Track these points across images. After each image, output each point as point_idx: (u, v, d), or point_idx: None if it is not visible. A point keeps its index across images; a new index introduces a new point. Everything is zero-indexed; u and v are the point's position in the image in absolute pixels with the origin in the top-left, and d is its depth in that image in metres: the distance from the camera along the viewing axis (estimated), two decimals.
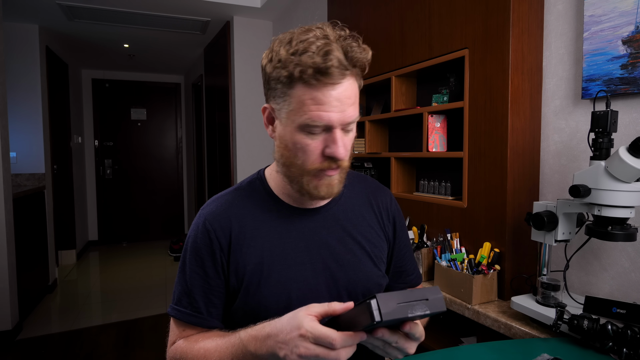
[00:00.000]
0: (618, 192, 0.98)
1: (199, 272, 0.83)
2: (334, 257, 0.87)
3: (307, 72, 0.69)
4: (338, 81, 0.71)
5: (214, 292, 0.83)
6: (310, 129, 0.73)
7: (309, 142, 0.75)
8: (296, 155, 0.77)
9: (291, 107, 0.74)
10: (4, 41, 3.11)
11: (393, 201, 1.00)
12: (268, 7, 3.29)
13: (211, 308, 0.84)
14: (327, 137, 0.75)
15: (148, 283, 4.13)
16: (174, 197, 6.28)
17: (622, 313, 0.92)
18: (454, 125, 1.69)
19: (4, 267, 2.80)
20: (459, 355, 0.91)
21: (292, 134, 0.76)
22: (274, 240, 0.84)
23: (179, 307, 0.84)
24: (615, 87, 1.18)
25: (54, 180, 4.23)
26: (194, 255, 0.84)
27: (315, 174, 0.78)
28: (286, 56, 0.72)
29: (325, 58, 0.69)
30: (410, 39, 1.75)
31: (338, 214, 0.90)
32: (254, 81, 3.62)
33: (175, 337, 0.85)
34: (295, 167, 0.78)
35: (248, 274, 0.82)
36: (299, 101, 0.73)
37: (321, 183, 0.78)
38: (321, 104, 0.71)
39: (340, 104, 0.72)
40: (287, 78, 0.72)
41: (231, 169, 3.65)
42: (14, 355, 2.69)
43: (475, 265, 1.37)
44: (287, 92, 0.74)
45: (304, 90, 0.72)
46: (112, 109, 5.84)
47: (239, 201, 0.87)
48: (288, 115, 0.75)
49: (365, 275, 0.89)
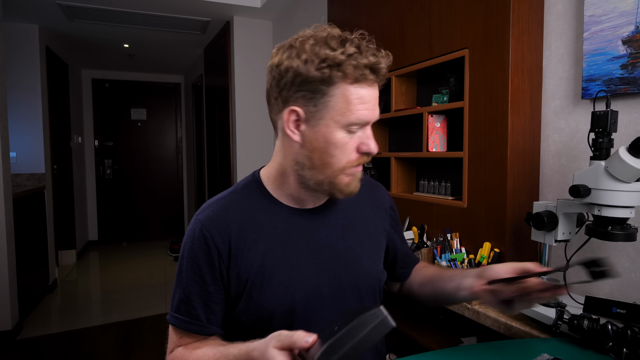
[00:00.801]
0: (618, 192, 0.98)
1: (197, 280, 0.82)
2: (335, 256, 0.87)
3: (361, 71, 0.73)
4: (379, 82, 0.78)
5: (212, 299, 0.82)
6: (352, 127, 0.76)
7: (348, 140, 0.77)
8: (333, 155, 0.77)
9: (335, 106, 0.75)
10: (4, 41, 3.11)
11: (386, 193, 1.04)
12: (268, 7, 3.29)
13: (210, 315, 0.83)
14: (361, 135, 0.78)
15: (148, 283, 4.13)
16: (174, 197, 6.28)
17: (622, 313, 0.92)
18: (454, 125, 1.69)
19: (4, 267, 2.80)
20: (459, 355, 0.91)
21: (332, 134, 0.76)
22: (274, 242, 0.83)
23: (178, 315, 0.83)
24: (615, 87, 1.18)
25: (54, 180, 4.23)
26: (190, 262, 0.82)
27: (347, 172, 0.80)
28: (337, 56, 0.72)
29: (376, 61, 0.74)
30: (410, 39, 1.75)
31: (336, 212, 0.91)
32: (254, 81, 3.61)
33: (174, 344, 0.85)
34: (329, 166, 0.78)
35: (251, 278, 0.81)
36: (345, 100, 0.74)
37: (351, 180, 0.81)
38: (366, 102, 0.76)
39: (376, 103, 0.78)
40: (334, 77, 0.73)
41: (231, 169, 3.65)
42: (14, 355, 2.69)
43: (475, 265, 1.37)
44: (327, 91, 0.74)
45: (351, 90, 0.74)
46: (112, 109, 5.84)
47: (236, 205, 0.85)
48: (329, 115, 0.75)
49: (367, 272, 0.90)
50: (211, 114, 4.42)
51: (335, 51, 0.73)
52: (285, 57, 0.76)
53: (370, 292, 0.91)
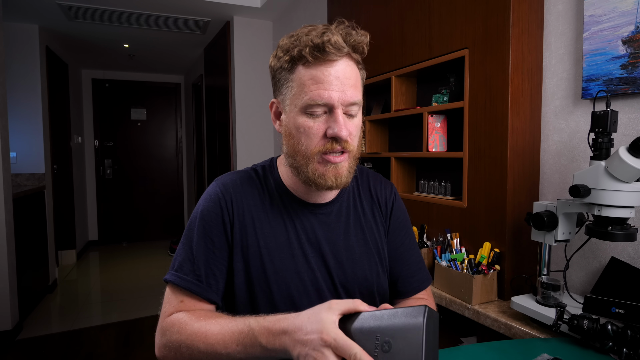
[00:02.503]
0: (618, 192, 0.98)
1: (206, 240, 0.82)
2: (334, 253, 0.87)
3: (305, 50, 0.73)
4: (334, 58, 0.74)
5: (217, 263, 0.82)
6: (312, 109, 0.75)
7: (311, 125, 0.76)
8: (300, 141, 0.78)
9: (293, 91, 0.77)
10: (4, 41, 3.11)
11: (393, 195, 0.97)
12: (268, 7, 3.29)
13: (211, 280, 0.81)
14: (329, 118, 0.76)
15: (148, 283, 4.13)
16: (174, 197, 6.28)
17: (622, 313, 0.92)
18: (454, 125, 1.69)
19: (4, 267, 2.80)
20: (459, 355, 0.91)
21: (295, 119, 0.77)
22: (278, 228, 0.85)
23: (180, 274, 0.81)
24: (615, 87, 1.18)
25: (54, 180, 4.23)
26: (203, 222, 0.83)
27: (319, 160, 0.77)
28: (288, 43, 0.76)
29: (322, 36, 0.73)
30: (410, 39, 1.75)
31: (343, 209, 0.91)
32: (254, 81, 3.61)
33: (173, 308, 0.81)
34: (300, 154, 0.78)
35: (251, 255, 0.83)
36: (300, 83, 0.75)
37: (327, 170, 0.78)
38: (320, 82, 0.74)
39: (340, 83, 0.74)
40: (288, 62, 0.76)
41: (231, 169, 3.65)
42: (14, 355, 2.69)
43: (475, 265, 1.37)
44: (289, 77, 0.77)
45: (304, 72, 0.75)
46: (112, 109, 5.84)
47: (253, 182, 0.88)
48: (291, 101, 0.77)
49: (364, 273, 0.89)
50: (211, 114, 4.42)
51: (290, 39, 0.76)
52: (271, 56, 0.82)
53: (366, 293, 0.89)
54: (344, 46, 0.74)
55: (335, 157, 0.77)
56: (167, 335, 0.77)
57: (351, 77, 0.76)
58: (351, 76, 0.76)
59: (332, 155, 0.77)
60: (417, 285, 0.95)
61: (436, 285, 1.47)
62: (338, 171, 0.78)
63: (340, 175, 0.79)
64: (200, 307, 0.81)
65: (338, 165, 0.78)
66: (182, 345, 0.74)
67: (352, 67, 0.77)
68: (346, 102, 0.75)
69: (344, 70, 0.75)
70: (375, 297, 0.91)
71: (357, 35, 0.76)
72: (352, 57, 0.78)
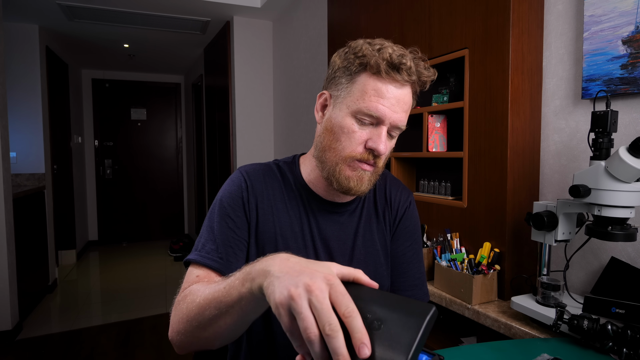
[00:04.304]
0: (618, 192, 0.98)
1: (227, 221, 0.84)
2: (342, 252, 0.89)
3: (382, 63, 0.75)
4: (403, 81, 0.78)
5: (238, 242, 0.84)
6: (362, 117, 0.77)
7: (356, 130, 0.79)
8: (339, 140, 0.80)
9: (352, 93, 0.79)
10: (4, 41, 3.11)
11: (407, 203, 0.97)
12: (268, 7, 3.29)
13: (232, 258, 0.83)
14: (373, 131, 0.79)
15: (148, 283, 4.13)
16: (174, 197, 6.28)
17: (622, 313, 0.92)
18: (454, 125, 1.69)
19: (4, 267, 2.80)
20: (459, 355, 0.91)
21: (342, 118, 0.79)
22: (294, 219, 0.88)
23: (202, 252, 0.82)
24: (615, 87, 1.18)
25: (54, 180, 4.23)
26: (224, 203, 0.86)
27: (350, 163, 0.80)
28: (365, 48, 0.78)
29: (401, 57, 0.77)
30: (410, 39, 1.75)
31: (357, 210, 0.93)
32: (254, 81, 3.62)
33: (188, 284, 0.78)
34: (334, 152, 0.81)
35: (266, 240, 0.85)
36: (362, 89, 0.77)
37: (353, 175, 0.81)
38: (381, 96, 0.76)
39: (397, 104, 0.78)
40: (360, 66, 0.78)
41: (231, 169, 3.65)
42: (14, 355, 2.69)
43: (475, 265, 1.37)
44: (352, 79, 0.79)
45: (370, 81, 0.77)
46: (112, 109, 5.84)
47: (275, 174, 0.91)
48: (345, 101, 0.79)
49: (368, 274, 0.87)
50: (211, 114, 4.42)
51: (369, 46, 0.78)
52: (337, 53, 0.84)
53: None
54: (414, 75, 0.78)
55: (366, 165, 0.81)
56: (179, 306, 0.70)
57: (407, 103, 0.80)
58: (407, 103, 0.80)
59: (363, 164, 0.80)
60: None
61: (436, 285, 1.47)
62: (362, 179, 0.81)
63: (362, 183, 0.81)
64: None
65: (364, 173, 0.81)
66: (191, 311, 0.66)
67: (410, 96, 0.81)
68: (394, 124, 0.79)
69: (405, 95, 0.79)
70: None
71: (427, 70, 0.80)
72: (414, 88, 0.81)
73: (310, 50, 3.01)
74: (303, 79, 3.13)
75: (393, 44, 0.80)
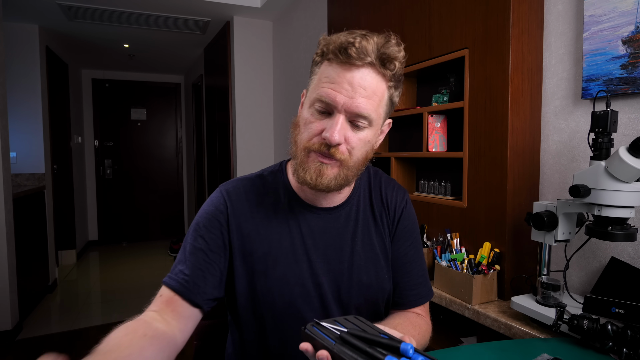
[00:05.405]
0: (618, 192, 0.98)
1: (201, 243, 0.82)
2: (340, 259, 0.86)
3: (330, 47, 0.73)
4: (354, 63, 0.71)
5: (209, 267, 0.80)
6: (317, 105, 0.75)
7: (313, 121, 0.76)
8: (300, 132, 0.79)
9: (312, 84, 0.78)
10: (4, 41, 3.11)
11: (404, 203, 0.95)
12: (268, 7, 3.29)
13: (200, 282, 0.79)
14: (329, 121, 0.75)
15: (148, 283, 4.13)
16: (174, 197, 6.28)
17: (622, 313, 0.92)
18: (454, 125, 1.69)
19: (4, 267, 2.80)
20: (459, 355, 0.91)
21: (304, 111, 0.79)
22: (283, 234, 0.84)
23: (172, 274, 0.81)
24: (615, 87, 1.18)
25: (54, 180, 4.23)
26: (200, 225, 0.83)
27: (307, 155, 0.77)
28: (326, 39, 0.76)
29: (351, 37, 0.72)
30: (410, 39, 1.75)
31: (352, 213, 0.89)
32: (254, 81, 3.61)
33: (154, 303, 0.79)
34: (296, 145, 0.80)
35: (255, 262, 0.82)
36: (318, 78, 0.76)
37: (311, 166, 0.76)
38: (332, 82, 0.73)
39: (350, 89, 0.72)
40: (318, 57, 0.77)
41: (231, 169, 3.65)
42: (14, 355, 2.69)
43: (475, 265, 1.37)
44: (315, 70, 0.79)
45: (325, 68, 0.75)
46: (112, 109, 5.84)
47: (258, 189, 0.88)
48: (308, 94, 0.79)
49: (369, 280, 0.87)
50: (211, 114, 4.42)
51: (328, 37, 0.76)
52: None
53: (370, 300, 0.88)
54: (368, 54, 0.71)
55: (322, 157, 0.76)
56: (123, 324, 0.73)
57: (367, 87, 0.72)
58: (368, 87, 0.72)
59: (319, 155, 0.76)
60: (414, 299, 0.92)
61: (436, 285, 1.47)
62: (321, 171, 0.76)
63: (322, 175, 0.76)
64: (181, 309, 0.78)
65: (323, 165, 0.76)
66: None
67: (373, 79, 0.73)
68: (351, 111, 0.73)
69: (362, 78, 0.72)
70: (380, 304, 0.90)
71: (388, 48, 0.72)
72: (377, 69, 0.73)
73: (310, 50, 3.01)
74: (303, 79, 3.13)
75: (361, 32, 0.75)
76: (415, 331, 0.85)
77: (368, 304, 0.88)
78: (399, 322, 0.85)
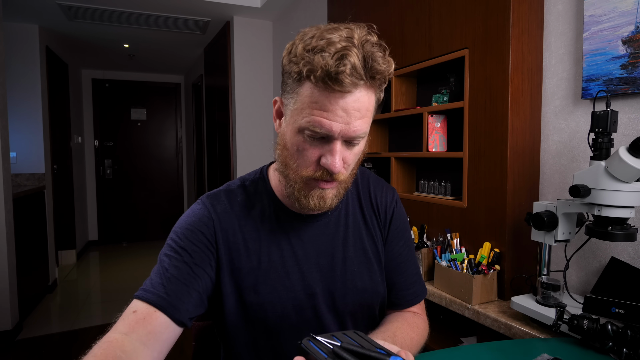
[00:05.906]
0: (618, 192, 0.98)
1: (184, 256, 0.76)
2: (332, 266, 0.84)
3: (316, 73, 0.64)
4: (348, 90, 0.65)
5: (193, 281, 0.74)
6: (309, 133, 0.68)
7: (307, 147, 0.71)
8: (293, 157, 0.73)
9: (296, 105, 0.69)
10: (4, 41, 3.11)
11: (394, 203, 0.93)
12: (268, 7, 3.29)
13: (183, 297, 0.72)
14: (326, 146, 0.70)
15: None
16: (174, 197, 6.28)
17: (622, 313, 0.92)
18: (454, 125, 1.69)
19: (4, 267, 2.80)
20: (459, 355, 0.91)
21: (291, 134, 0.72)
22: (272, 246, 0.81)
23: (148, 288, 0.74)
24: (615, 87, 1.18)
25: (54, 180, 4.23)
26: (184, 236, 0.78)
27: (307, 182, 0.73)
28: (301, 52, 0.66)
29: (339, 63, 0.63)
30: (410, 39, 1.75)
31: (342, 218, 0.87)
32: (254, 81, 3.62)
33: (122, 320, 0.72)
34: (292, 170, 0.74)
35: (243, 277, 0.79)
36: (304, 101, 0.68)
37: (313, 193, 0.74)
38: (325, 110, 0.66)
39: (346, 115, 0.67)
40: (297, 74, 0.67)
41: (231, 169, 3.65)
42: (14, 355, 2.68)
43: (475, 265, 1.37)
44: (296, 89, 0.69)
45: (311, 91, 0.67)
46: (112, 109, 5.84)
47: (243, 201, 0.84)
48: (292, 114, 0.71)
49: (363, 284, 0.85)
50: (211, 114, 4.42)
51: (305, 47, 0.66)
52: (286, 47, 0.73)
53: (365, 305, 0.86)
54: (362, 77, 0.65)
55: (324, 184, 0.73)
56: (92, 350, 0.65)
57: (361, 108, 0.67)
58: (361, 107, 0.67)
59: (321, 182, 0.73)
60: (411, 298, 0.92)
61: (436, 285, 1.47)
62: (323, 195, 0.74)
63: (325, 199, 0.74)
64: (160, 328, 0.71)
65: (325, 190, 0.74)
66: None
67: (366, 97, 0.68)
68: (349, 136, 0.68)
69: (355, 102, 0.66)
70: (375, 309, 0.89)
71: (381, 62, 0.66)
72: (367, 86, 0.68)
73: None
74: None
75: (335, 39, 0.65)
76: (414, 333, 0.85)
77: (363, 309, 0.86)
78: (398, 326, 0.85)
